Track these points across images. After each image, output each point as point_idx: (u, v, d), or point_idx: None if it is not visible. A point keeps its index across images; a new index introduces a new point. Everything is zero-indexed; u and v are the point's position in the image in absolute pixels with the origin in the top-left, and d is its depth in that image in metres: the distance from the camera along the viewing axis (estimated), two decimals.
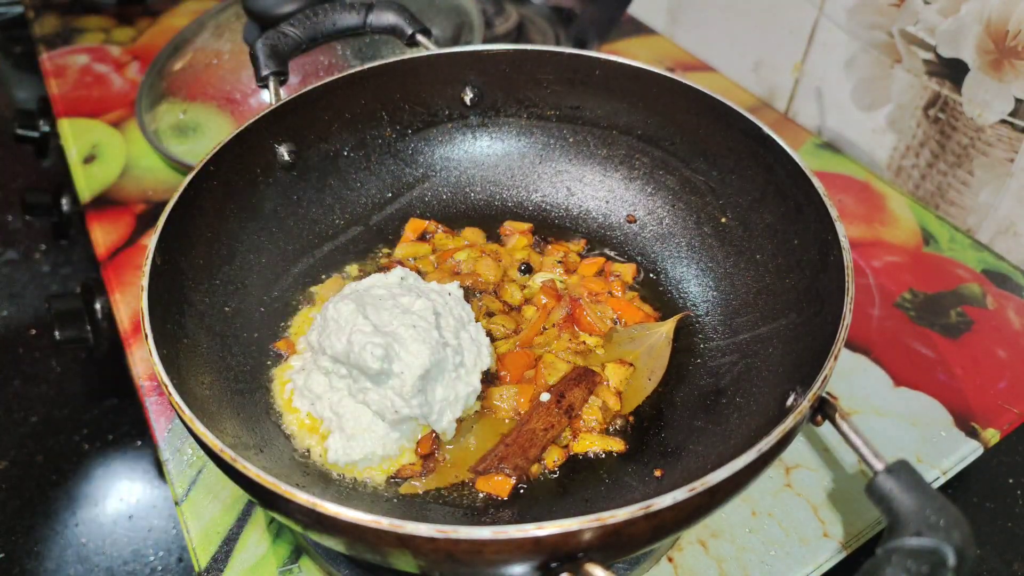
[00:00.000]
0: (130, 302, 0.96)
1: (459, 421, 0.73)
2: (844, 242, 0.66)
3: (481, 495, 0.69)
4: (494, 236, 0.93)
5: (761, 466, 0.53)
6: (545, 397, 0.74)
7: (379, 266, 0.89)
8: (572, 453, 0.72)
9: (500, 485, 0.68)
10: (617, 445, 0.72)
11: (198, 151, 1.11)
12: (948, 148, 1.03)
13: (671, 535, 0.58)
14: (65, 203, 1.18)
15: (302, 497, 0.49)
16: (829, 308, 0.65)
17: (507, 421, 0.73)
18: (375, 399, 0.69)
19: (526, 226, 0.93)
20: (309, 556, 0.72)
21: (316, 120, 0.87)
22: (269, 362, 0.78)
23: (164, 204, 0.71)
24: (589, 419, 0.74)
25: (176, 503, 0.76)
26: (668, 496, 0.48)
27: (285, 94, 0.84)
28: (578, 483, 0.70)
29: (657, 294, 0.86)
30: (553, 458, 0.71)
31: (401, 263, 0.88)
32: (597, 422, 0.73)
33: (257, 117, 0.80)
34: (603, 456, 0.72)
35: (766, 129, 0.78)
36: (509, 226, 0.93)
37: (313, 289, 0.85)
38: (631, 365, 0.78)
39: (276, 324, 0.81)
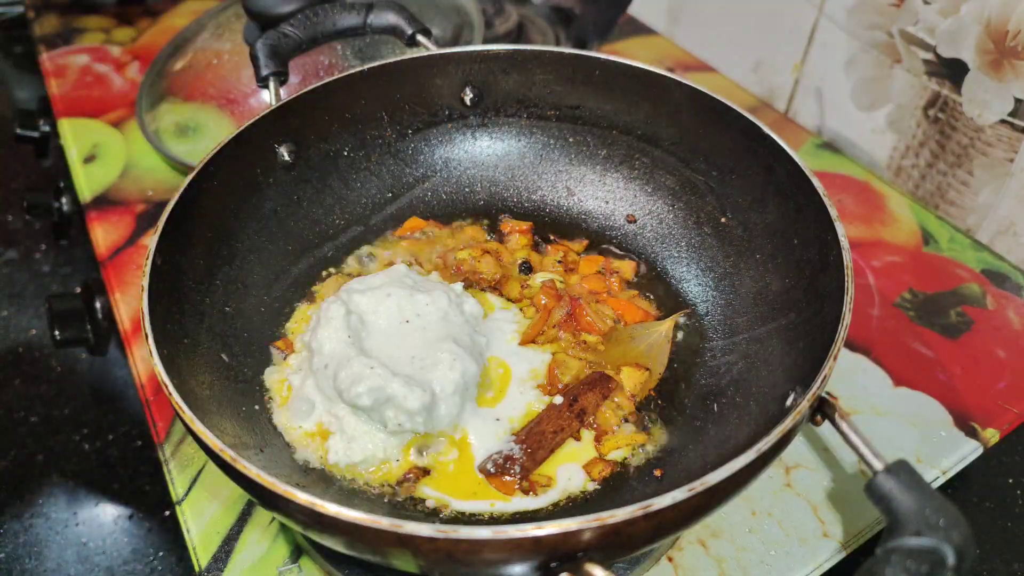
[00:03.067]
0: (130, 302, 0.96)
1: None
2: (844, 242, 0.66)
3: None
4: (496, 233, 0.93)
5: (760, 466, 0.53)
6: (558, 400, 0.74)
7: (383, 265, 0.89)
8: (605, 458, 0.71)
9: (506, 486, 0.68)
10: (640, 438, 0.72)
11: (198, 151, 1.11)
12: (948, 148, 1.03)
13: (671, 535, 0.58)
14: (65, 203, 1.18)
15: (302, 497, 0.49)
16: (829, 308, 0.65)
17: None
18: (375, 416, 0.69)
19: (526, 225, 0.93)
20: (309, 556, 0.72)
21: (316, 120, 0.87)
22: (269, 362, 0.78)
23: (164, 204, 0.71)
24: (606, 423, 0.73)
25: (176, 503, 0.77)
26: (668, 496, 0.49)
27: (285, 94, 0.84)
28: None
29: (657, 294, 0.86)
30: (599, 469, 0.70)
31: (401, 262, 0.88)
32: (615, 422, 0.73)
33: (257, 117, 0.80)
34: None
35: (766, 129, 0.78)
36: (510, 223, 0.93)
37: (314, 288, 0.85)
38: (647, 370, 0.77)
39: (276, 324, 0.81)
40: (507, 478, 0.69)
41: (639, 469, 0.71)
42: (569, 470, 0.70)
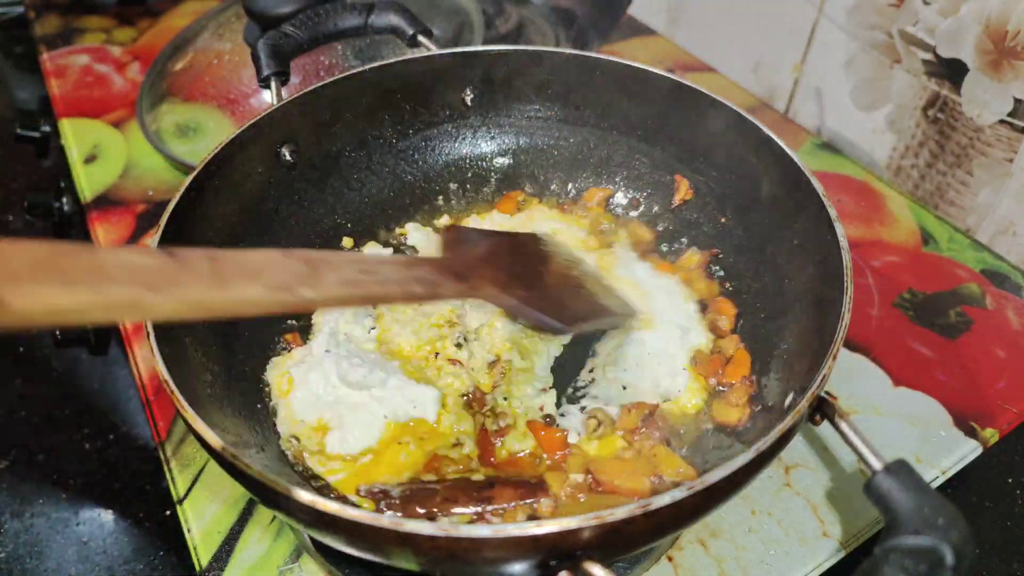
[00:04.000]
0: None
1: None
2: (843, 242, 0.66)
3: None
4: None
5: (759, 465, 0.54)
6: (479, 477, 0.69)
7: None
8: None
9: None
10: None
11: (199, 151, 1.12)
12: (947, 148, 1.03)
13: (670, 534, 0.59)
14: (66, 203, 1.18)
15: (303, 496, 0.49)
16: (828, 308, 0.65)
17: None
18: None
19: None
20: (309, 555, 0.72)
21: (317, 120, 0.87)
22: (270, 360, 0.78)
23: (165, 204, 0.71)
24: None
25: (177, 502, 0.77)
26: (667, 495, 0.49)
27: (286, 94, 0.84)
28: None
29: None
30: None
31: None
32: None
33: (259, 117, 0.80)
34: None
35: (766, 130, 0.78)
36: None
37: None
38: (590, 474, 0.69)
39: (278, 323, 0.81)
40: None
41: None
42: None
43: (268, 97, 0.85)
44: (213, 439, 0.53)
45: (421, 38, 0.93)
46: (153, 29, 1.49)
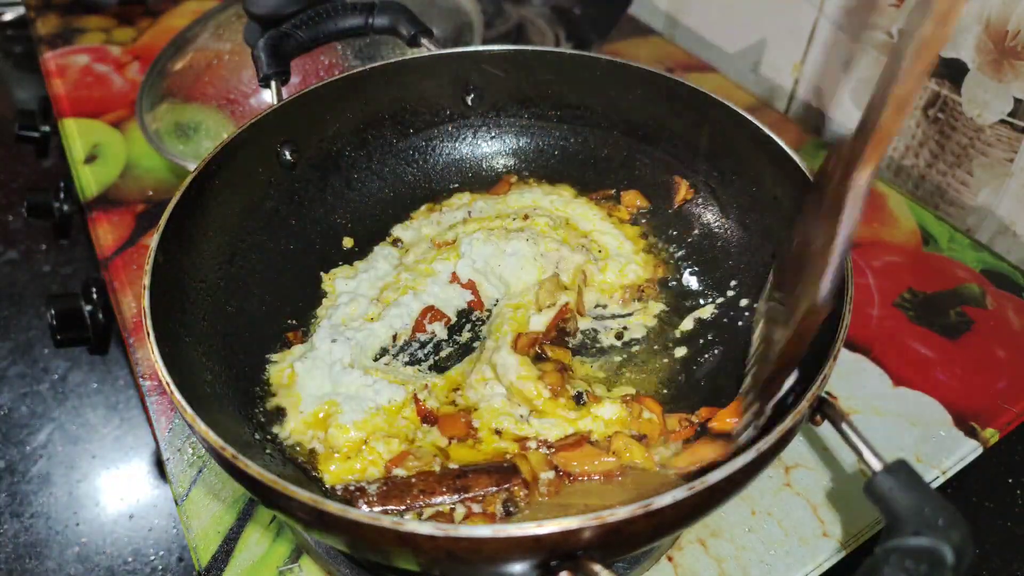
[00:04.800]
0: (131, 302, 0.97)
1: None
2: None
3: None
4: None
5: (760, 465, 0.54)
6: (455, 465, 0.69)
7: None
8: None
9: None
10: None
11: (199, 151, 1.12)
12: (947, 148, 1.03)
13: (671, 533, 0.59)
14: (66, 203, 1.18)
15: (304, 495, 0.49)
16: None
17: None
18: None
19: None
20: (309, 555, 0.72)
21: (317, 120, 0.87)
22: (270, 360, 0.78)
23: (165, 204, 0.71)
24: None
25: (177, 502, 0.77)
26: (667, 495, 0.49)
27: (286, 94, 0.84)
28: None
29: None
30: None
31: None
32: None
33: (259, 117, 0.80)
34: None
35: (766, 130, 0.78)
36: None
37: (323, 275, 0.86)
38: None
39: (278, 322, 0.81)
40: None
41: None
42: None
43: (268, 97, 0.85)
44: (213, 439, 0.53)
45: (421, 38, 0.93)
46: (153, 29, 1.49)
